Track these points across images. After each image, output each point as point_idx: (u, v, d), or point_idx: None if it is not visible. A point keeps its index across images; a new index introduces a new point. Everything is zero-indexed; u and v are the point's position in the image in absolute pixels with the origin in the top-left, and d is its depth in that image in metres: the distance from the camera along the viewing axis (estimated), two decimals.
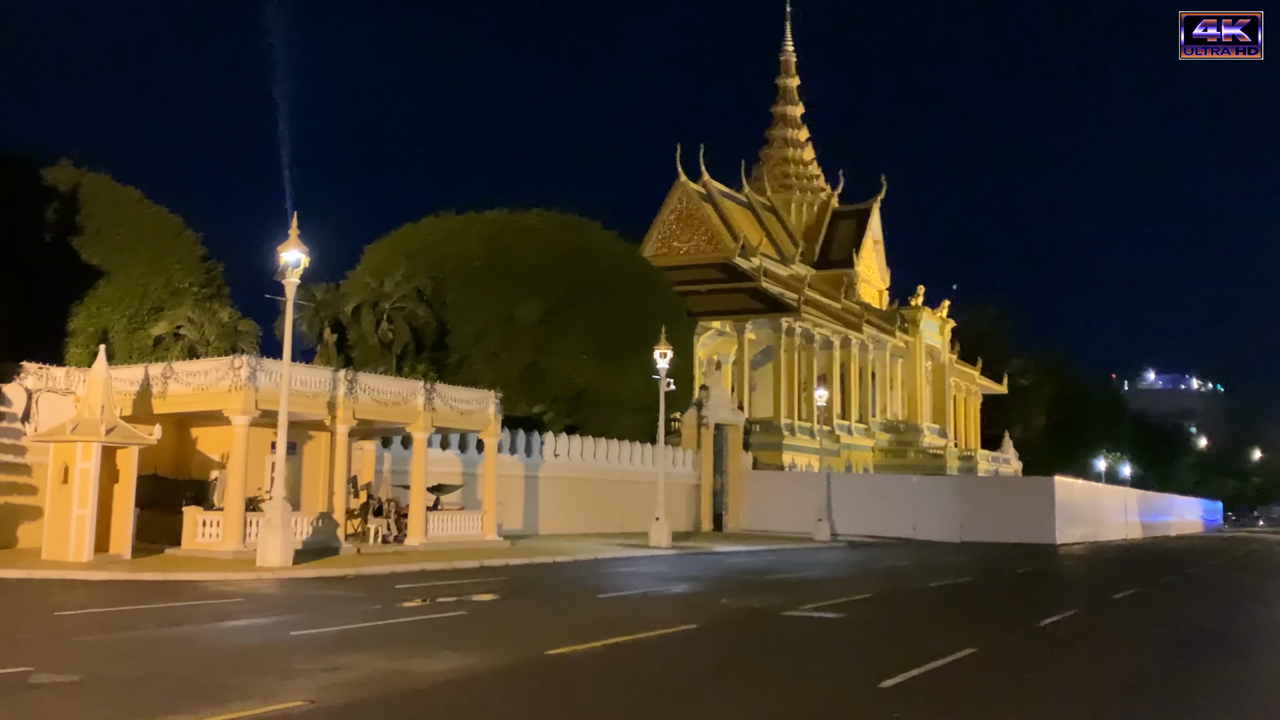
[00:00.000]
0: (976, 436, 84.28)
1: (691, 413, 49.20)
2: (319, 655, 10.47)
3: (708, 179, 68.84)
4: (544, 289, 42.48)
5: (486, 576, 21.36)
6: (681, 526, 46.18)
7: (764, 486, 50.68)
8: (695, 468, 48.02)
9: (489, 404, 30.60)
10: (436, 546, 27.82)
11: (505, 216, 46.25)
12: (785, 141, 78.77)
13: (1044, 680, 10.66)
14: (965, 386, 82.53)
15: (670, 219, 67.37)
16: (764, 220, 73.48)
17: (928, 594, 20.10)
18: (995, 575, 26.24)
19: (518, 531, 37.24)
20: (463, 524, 30.11)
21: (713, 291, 61.67)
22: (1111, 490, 65.56)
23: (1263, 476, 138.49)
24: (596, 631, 12.42)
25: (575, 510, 40.52)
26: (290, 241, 22.12)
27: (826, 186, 78.42)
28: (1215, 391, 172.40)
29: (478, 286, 42.42)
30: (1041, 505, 47.49)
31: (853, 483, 53.25)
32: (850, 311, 67.59)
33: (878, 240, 78.54)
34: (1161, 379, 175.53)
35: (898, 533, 47.24)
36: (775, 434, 58.70)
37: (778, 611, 15.61)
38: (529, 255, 43.36)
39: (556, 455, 40.28)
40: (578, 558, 27.85)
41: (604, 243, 47.13)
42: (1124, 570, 31.27)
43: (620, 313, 43.72)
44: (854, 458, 65.35)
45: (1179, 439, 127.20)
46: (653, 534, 33.98)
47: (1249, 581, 26.86)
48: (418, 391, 28.23)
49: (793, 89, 79.24)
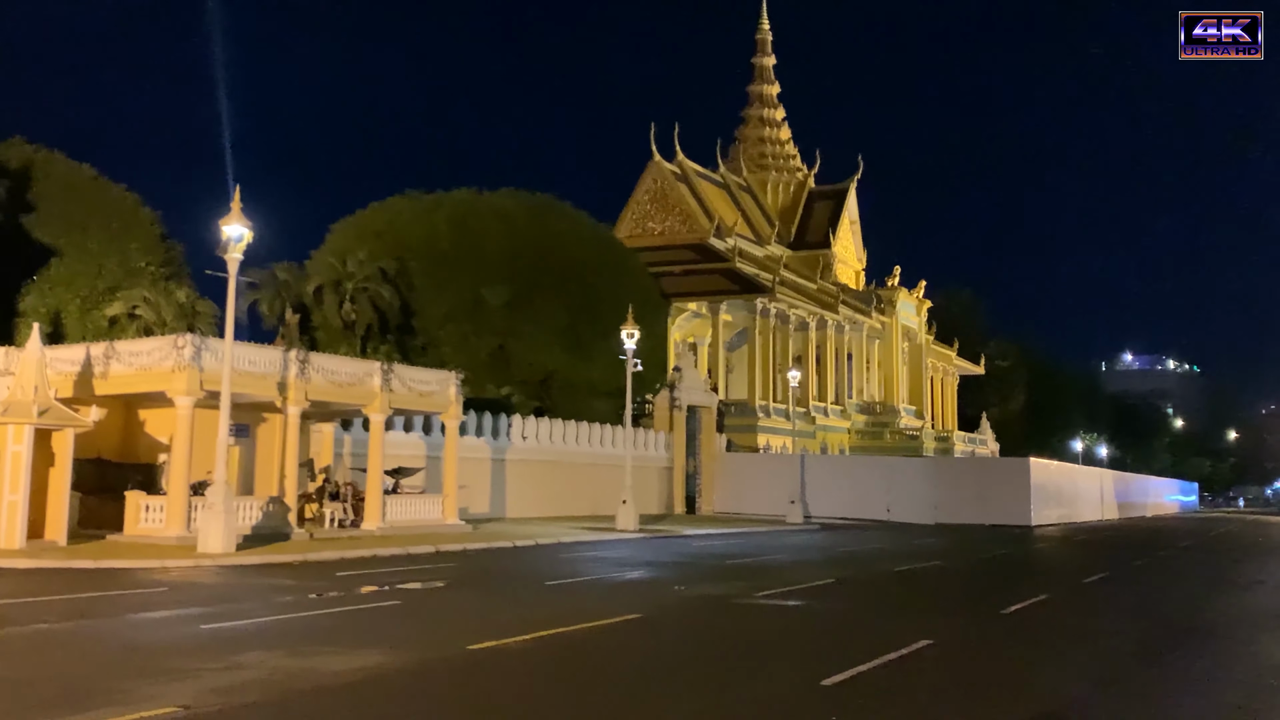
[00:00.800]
0: (954, 418, 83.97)
1: (664, 395, 48.53)
2: (221, 652, 9.72)
3: (683, 159, 67.96)
4: (512, 271, 41.69)
5: (437, 563, 20.62)
6: (653, 509, 45.56)
7: (738, 469, 50.09)
8: (668, 450, 47.36)
9: (450, 385, 29.78)
10: (394, 531, 27.06)
11: (473, 197, 45.39)
12: (761, 121, 77.92)
13: (1000, 676, 10.00)
14: (942, 368, 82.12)
15: (644, 199, 66.47)
16: (740, 201, 72.69)
17: (892, 579, 19.47)
18: (965, 558, 25.67)
19: (485, 515, 36.54)
20: (423, 508, 29.35)
21: (687, 273, 60.90)
22: (1087, 471, 65.27)
23: (1237, 457, 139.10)
24: (532, 623, 11.69)
25: (544, 494, 39.83)
26: (232, 215, 21.22)
27: (803, 166, 77.66)
28: (1191, 372, 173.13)
29: (445, 268, 41.61)
30: (1017, 486, 47.09)
31: (827, 464, 52.69)
32: (826, 292, 66.97)
33: (854, 221, 77.88)
34: (1138, 360, 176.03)
35: (872, 515, 46.77)
36: (750, 416, 58.06)
37: (731, 599, 14.94)
38: (497, 237, 42.56)
39: (525, 438, 39.55)
40: (539, 542, 27.14)
41: (574, 224, 46.32)
42: (1097, 552, 30.77)
43: (590, 295, 42.96)
44: (830, 439, 64.85)
45: (1155, 420, 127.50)
46: (619, 518, 33.31)
47: (1222, 564, 26.39)
48: (374, 372, 27.38)
49: (769, 68, 78.35)
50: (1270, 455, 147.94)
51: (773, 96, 78.29)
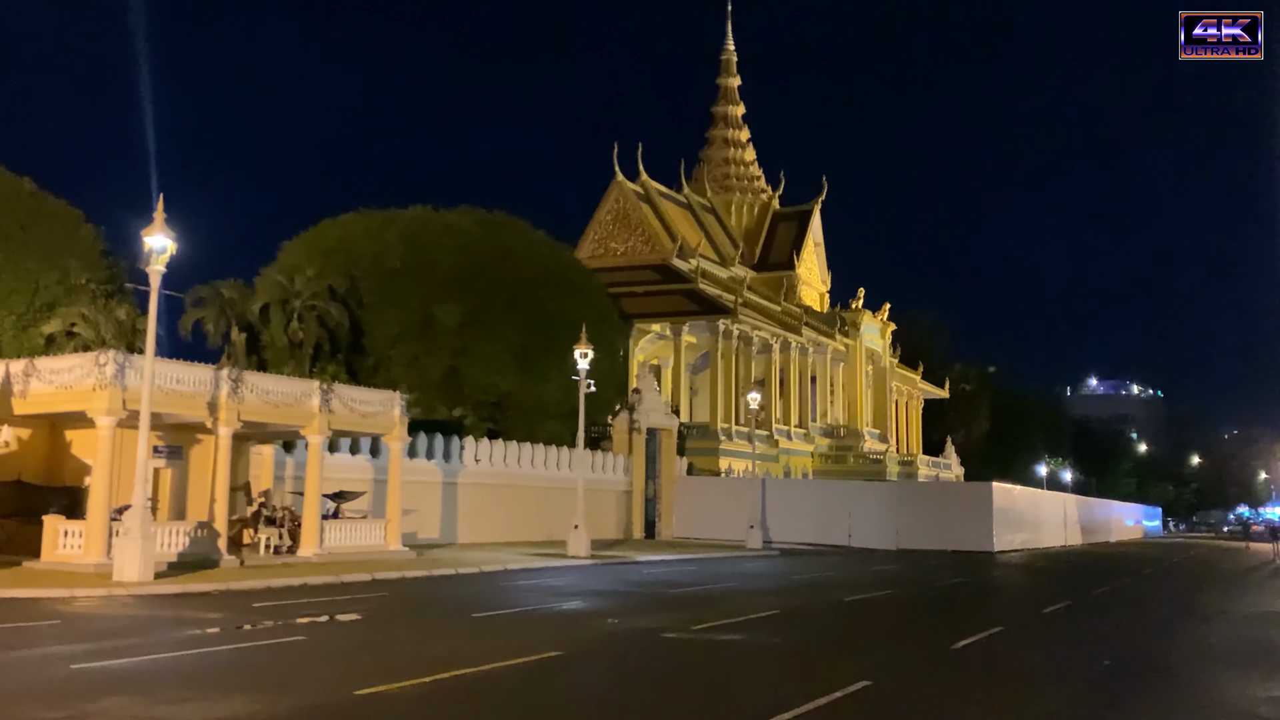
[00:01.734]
0: (918, 441, 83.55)
1: (623, 417, 47.65)
2: (74, 698, 8.75)
3: (646, 179, 67.38)
4: (466, 289, 40.74)
5: (367, 592, 19.60)
6: (611, 534, 44.61)
7: (698, 492, 49.22)
8: (626, 473, 46.44)
9: (394, 406, 28.79)
10: (331, 558, 26.00)
11: (427, 214, 44.42)
12: (726, 142, 77.54)
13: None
14: (907, 391, 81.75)
15: (607, 219, 65.82)
16: (703, 221, 72.16)
17: (841, 610, 18.64)
18: (921, 587, 24.87)
19: (434, 540, 35.49)
20: (364, 533, 28.30)
21: (649, 294, 60.21)
22: (1051, 496, 64.88)
23: (1201, 482, 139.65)
24: (438, 662, 10.77)
25: (497, 518, 38.80)
26: (155, 226, 20.21)
27: (767, 188, 77.29)
28: (1155, 398, 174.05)
29: (396, 286, 40.59)
30: (979, 511, 46.50)
31: (788, 489, 52.00)
32: (790, 314, 66.42)
33: (818, 242, 77.54)
34: (1102, 385, 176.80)
35: (834, 540, 46.02)
36: (712, 439, 57.29)
37: (663, 634, 14.04)
38: (450, 254, 41.60)
39: (477, 461, 38.55)
40: (484, 569, 26.15)
41: (531, 242, 45.42)
42: (1058, 580, 30.11)
43: (547, 314, 42.06)
44: (793, 463, 64.14)
45: (1119, 445, 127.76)
46: (571, 543, 32.34)
47: (1185, 593, 25.78)
48: (313, 392, 26.35)
49: (734, 89, 78.06)
50: (1233, 480, 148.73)
51: (737, 117, 77.97)
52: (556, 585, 22.19)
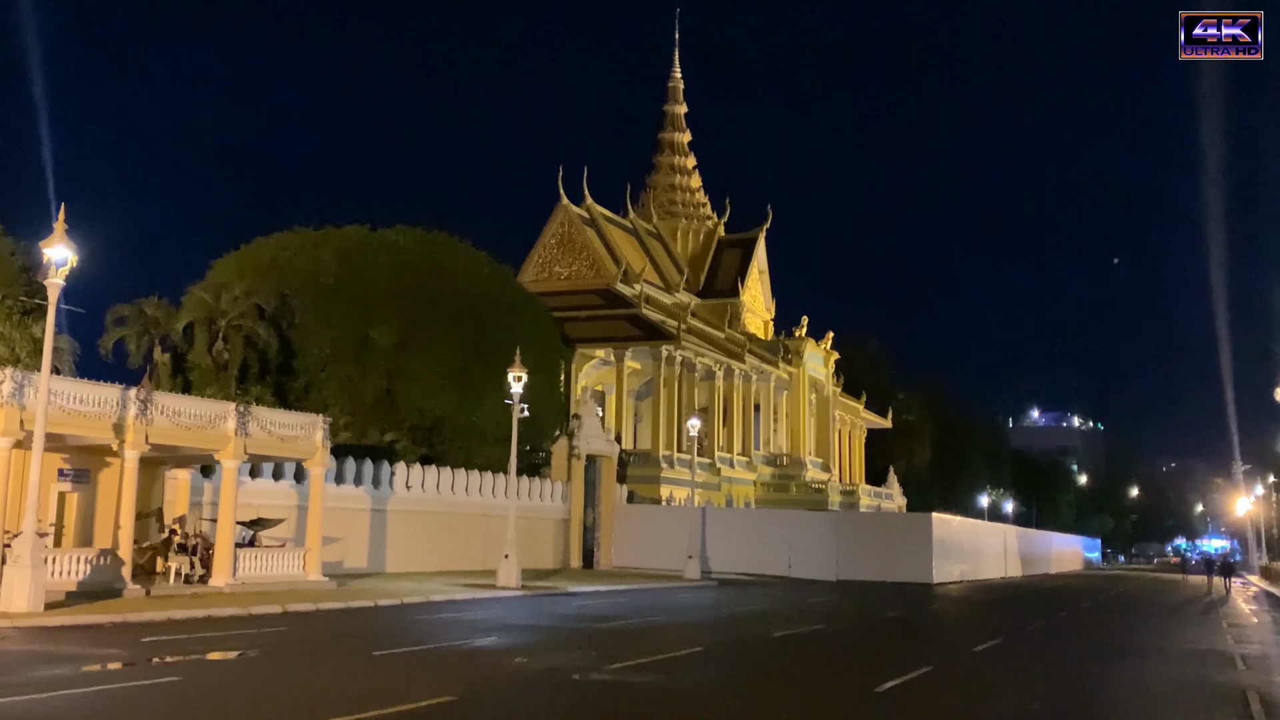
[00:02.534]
0: (861, 471, 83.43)
1: (562, 443, 46.81)
2: None
3: (591, 203, 66.79)
4: (401, 310, 39.78)
5: (271, 625, 18.60)
6: (548, 564, 43.70)
7: (638, 521, 48.45)
8: (565, 501, 45.56)
9: (316, 430, 27.76)
10: (244, 588, 24.90)
11: (364, 232, 43.41)
12: (672, 168, 77.26)
13: None
14: (850, 420, 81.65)
15: (551, 243, 65.05)
16: (649, 247, 71.70)
17: (767, 646, 17.95)
18: (853, 621, 24.27)
19: (361, 570, 34.39)
20: (282, 562, 27.18)
21: (592, 318, 59.47)
22: (991, 527, 64.92)
23: (1139, 514, 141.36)
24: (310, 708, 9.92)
25: (430, 546, 37.76)
26: (55, 237, 19.19)
27: (713, 214, 77.07)
28: (1095, 430, 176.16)
29: (330, 306, 39.52)
30: (918, 543, 46.22)
31: (729, 518, 51.45)
32: (733, 341, 66.03)
33: (763, 270, 77.38)
34: (1044, 416, 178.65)
35: (774, 570, 45.47)
36: (653, 466, 56.48)
37: (572, 674, 13.25)
38: (386, 272, 40.65)
39: (409, 487, 37.52)
40: (405, 601, 25.18)
41: (471, 262, 44.55)
42: (993, 614, 29.71)
43: (486, 336, 41.18)
44: (735, 491, 63.57)
45: (1060, 476, 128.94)
46: (501, 573, 31.42)
47: (1123, 628, 25.42)
48: (228, 415, 25.29)
49: (680, 115, 77.88)
50: (1171, 512, 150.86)
51: (684, 144, 77.77)
52: (477, 619, 21.32)
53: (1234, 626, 27.61)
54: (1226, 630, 26.11)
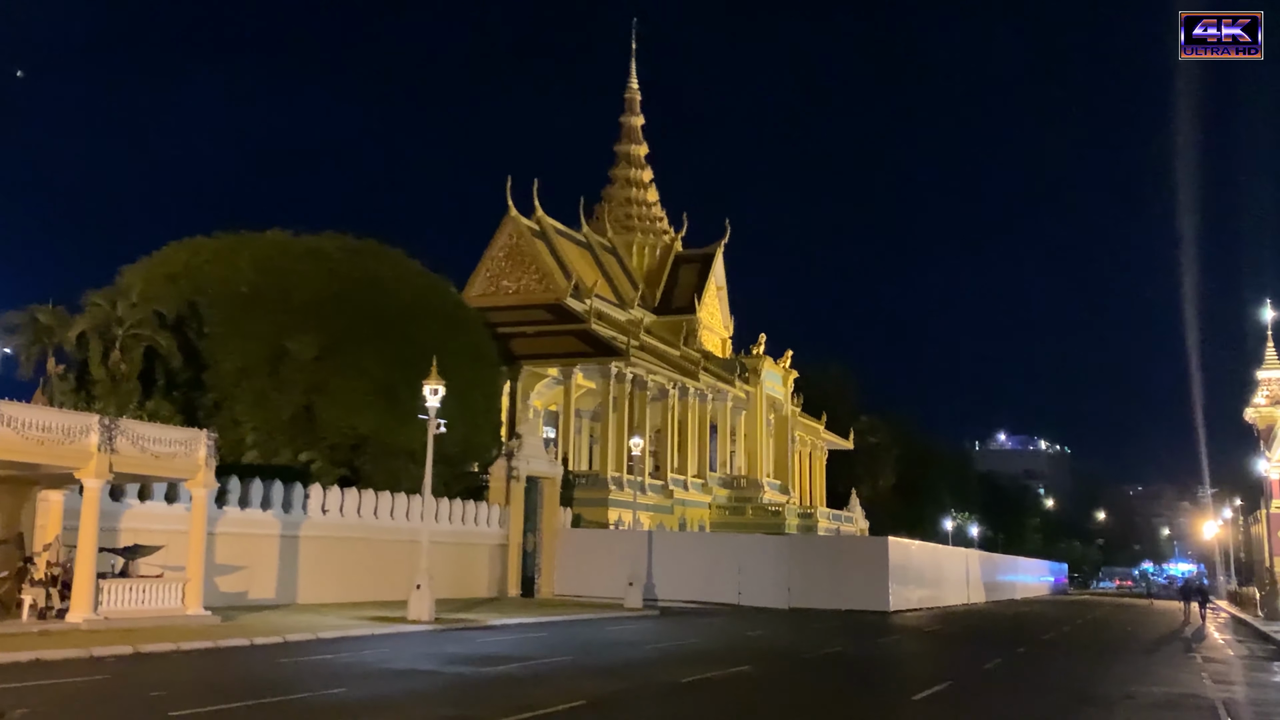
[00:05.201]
0: (822, 494, 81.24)
1: (500, 463, 44.17)
2: None
3: (541, 214, 64.43)
4: (323, 321, 37.07)
5: (93, 672, 15.88)
6: (482, 592, 41.01)
7: (581, 546, 45.74)
8: (503, 525, 42.86)
9: (198, 447, 25.00)
10: (106, 624, 22.13)
11: (286, 238, 40.74)
12: (628, 181, 75.12)
13: None
14: (811, 441, 79.45)
15: (499, 256, 62.60)
16: (603, 262, 69.39)
17: (669, 696, 15.42)
18: (786, 660, 21.71)
19: (268, 601, 31.59)
20: (158, 595, 24.34)
21: (541, 334, 57.03)
22: (952, 551, 62.64)
23: (1106, 538, 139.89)
24: None
25: (348, 575, 34.97)
26: None
27: (670, 229, 74.94)
28: (1062, 453, 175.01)
29: (246, 315, 36.79)
30: (874, 568, 43.82)
31: (677, 542, 48.83)
32: (688, 359, 63.66)
33: (721, 287, 75.23)
34: (1011, 440, 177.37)
35: (723, 597, 42.95)
36: (602, 489, 53.93)
37: None
38: (308, 280, 37.98)
39: (325, 511, 34.74)
40: (289, 639, 22.45)
41: (403, 271, 41.93)
42: (947, 649, 27.28)
43: (416, 351, 38.34)
44: (689, 514, 61.10)
45: (1027, 500, 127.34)
46: (412, 605, 28.67)
47: (1088, 668, 23.01)
48: (91, 428, 22.53)
49: (637, 128, 75.82)
50: (1138, 537, 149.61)
51: (640, 157, 75.67)
52: (352, 661, 18.66)
53: (1210, 662, 25.33)
54: (1202, 667, 23.84)
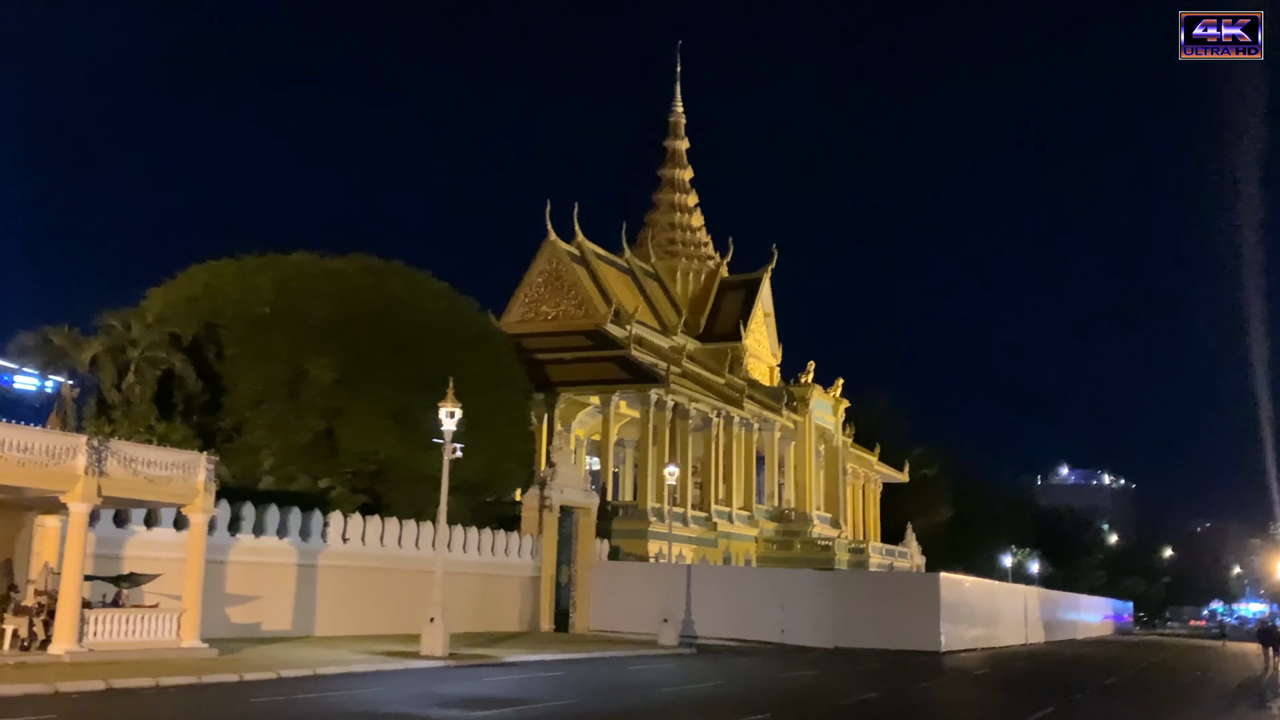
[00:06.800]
0: (876, 528, 78.50)
1: (533, 493, 42.66)
2: None
3: (582, 239, 63.09)
4: (343, 342, 35.85)
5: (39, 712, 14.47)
6: (512, 626, 39.43)
7: (616, 579, 43.96)
8: (535, 556, 41.29)
9: (197, 471, 23.72)
10: (90, 657, 20.84)
11: (309, 260, 39.64)
12: (672, 206, 73.57)
13: None
14: (864, 474, 76.89)
15: (538, 281, 61.29)
16: (645, 288, 67.81)
17: None
18: (808, 708, 19.66)
19: (283, 633, 30.27)
20: (151, 626, 23.02)
21: (579, 360, 55.47)
22: (1010, 589, 59.85)
23: (1172, 576, 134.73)
24: None
25: (368, 606, 33.58)
26: None
27: (715, 254, 73.19)
28: (1127, 488, 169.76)
29: (263, 338, 35.70)
30: (925, 605, 41.51)
31: (718, 577, 46.78)
32: (733, 386, 61.70)
33: (768, 313, 73.18)
34: (1074, 474, 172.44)
35: (765, 635, 40.90)
36: (642, 520, 51.99)
37: None
38: (329, 303, 36.82)
39: (346, 540, 33.44)
40: (283, 674, 21.01)
41: (426, 293, 40.66)
42: (994, 696, 25.03)
43: (437, 375, 37.12)
44: (734, 548, 58.89)
45: (1089, 536, 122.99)
46: (425, 640, 27.18)
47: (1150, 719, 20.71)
48: (78, 449, 21.34)
49: (681, 151, 74.37)
50: (1205, 575, 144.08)
51: (685, 181, 74.15)
52: (342, 701, 17.12)
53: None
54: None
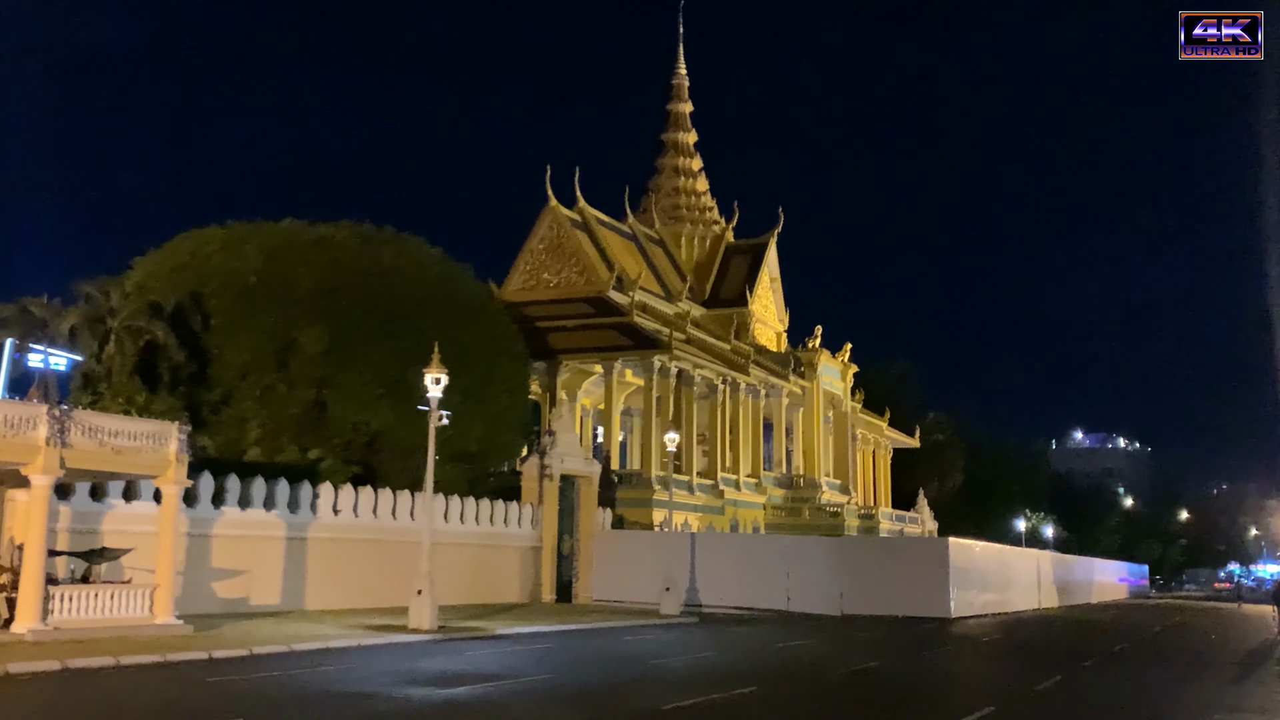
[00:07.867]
0: (887, 494, 77.61)
1: (533, 461, 41.85)
2: None
3: (583, 205, 61.90)
4: (333, 312, 34.91)
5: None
6: (513, 597, 38.69)
7: (620, 548, 43.12)
8: (535, 526, 40.50)
9: (168, 441, 22.84)
10: (56, 635, 20.09)
11: (298, 227, 38.59)
12: (676, 170, 72.25)
13: None
14: (874, 440, 75.89)
15: (539, 248, 60.19)
16: (649, 253, 66.64)
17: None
18: (802, 679, 18.72)
19: (272, 607, 29.54)
20: (122, 603, 22.20)
21: (581, 328, 54.59)
22: (1021, 553, 58.88)
23: (1189, 539, 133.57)
24: None
25: (360, 579, 32.81)
26: None
27: (720, 219, 71.90)
28: (1142, 451, 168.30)
29: (251, 307, 34.77)
30: (934, 571, 40.62)
31: (722, 544, 45.90)
32: (739, 352, 60.68)
33: (775, 278, 71.97)
34: (1088, 438, 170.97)
35: (770, 603, 40.09)
36: (646, 488, 51.16)
37: None
38: (318, 270, 35.84)
39: (337, 511, 32.66)
40: (255, 651, 20.23)
41: (419, 260, 39.57)
42: (1001, 664, 24.11)
43: (430, 343, 36.34)
44: (741, 515, 58.06)
45: (1104, 500, 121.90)
46: (412, 613, 26.40)
47: (1161, 686, 19.79)
48: (38, 419, 20.48)
49: (685, 115, 72.98)
50: (1222, 537, 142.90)
51: (689, 144, 72.80)
52: (305, 680, 16.28)
53: None
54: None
